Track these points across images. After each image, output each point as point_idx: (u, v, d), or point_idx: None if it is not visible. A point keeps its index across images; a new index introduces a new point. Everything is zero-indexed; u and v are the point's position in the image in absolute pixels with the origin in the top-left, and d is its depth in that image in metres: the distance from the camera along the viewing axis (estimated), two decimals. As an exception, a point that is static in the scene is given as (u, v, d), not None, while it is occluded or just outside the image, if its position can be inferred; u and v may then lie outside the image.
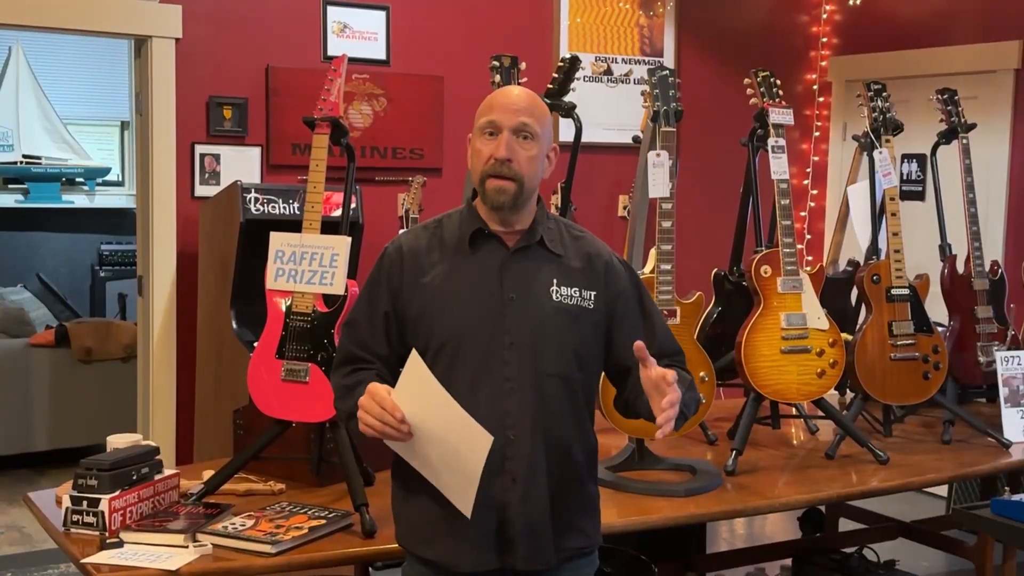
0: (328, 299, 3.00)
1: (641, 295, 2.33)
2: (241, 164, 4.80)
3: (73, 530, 2.62)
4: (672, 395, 2.07)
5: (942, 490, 5.19)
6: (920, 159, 5.73)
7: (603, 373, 2.38)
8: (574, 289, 2.23)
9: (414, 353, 2.07)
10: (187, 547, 2.52)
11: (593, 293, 2.24)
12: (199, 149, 4.75)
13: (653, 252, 3.33)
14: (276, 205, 4.24)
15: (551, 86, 3.60)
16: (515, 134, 2.18)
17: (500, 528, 2.17)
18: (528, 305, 2.19)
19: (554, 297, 2.21)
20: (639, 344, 2.10)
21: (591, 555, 2.33)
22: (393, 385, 2.09)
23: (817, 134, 6.30)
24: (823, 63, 6.27)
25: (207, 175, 4.76)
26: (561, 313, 2.20)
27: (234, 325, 4.17)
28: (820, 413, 3.66)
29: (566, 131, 3.62)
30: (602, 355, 2.30)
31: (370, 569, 3.49)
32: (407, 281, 2.23)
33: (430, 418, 2.06)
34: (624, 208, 5.64)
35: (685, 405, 2.18)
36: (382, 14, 5.10)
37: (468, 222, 2.24)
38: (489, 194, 2.19)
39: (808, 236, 6.27)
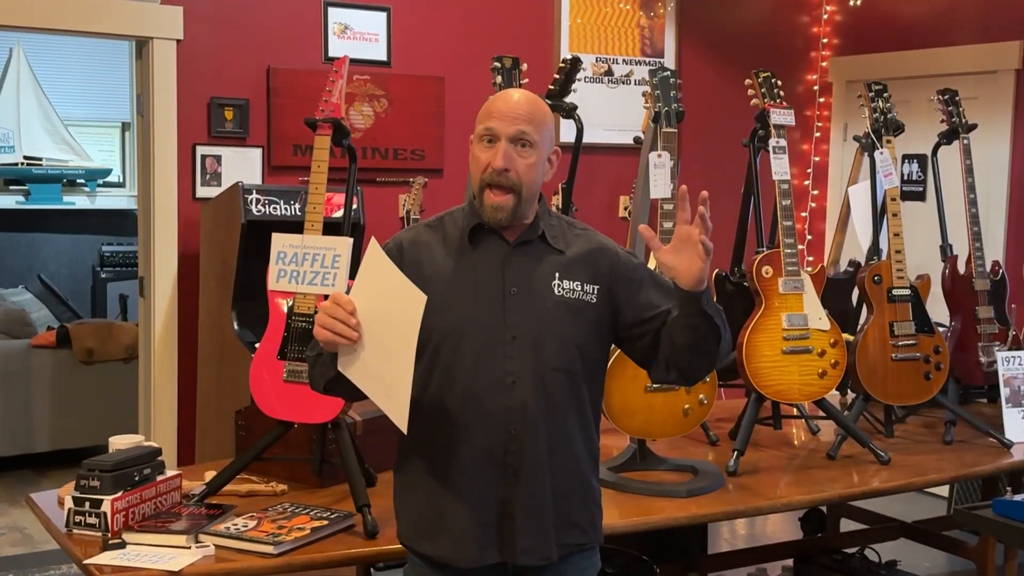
0: (330, 300, 3.00)
1: (654, 275, 2.33)
2: (242, 165, 4.80)
3: (75, 531, 2.62)
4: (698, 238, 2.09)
5: (943, 490, 5.19)
6: (921, 159, 5.73)
7: (606, 372, 2.37)
8: (576, 283, 2.23)
9: (374, 242, 2.08)
10: (189, 548, 2.52)
11: (596, 287, 2.24)
12: (200, 150, 4.75)
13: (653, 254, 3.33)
14: (277, 206, 4.24)
15: (552, 87, 3.60)
16: (513, 142, 2.17)
17: (501, 522, 2.18)
18: (530, 299, 2.19)
19: (556, 291, 2.21)
20: (644, 226, 2.13)
21: (593, 552, 2.33)
22: None
23: (818, 135, 6.30)
24: (824, 64, 6.27)
25: (208, 176, 4.76)
26: (563, 307, 2.20)
27: (236, 326, 4.17)
28: (821, 413, 3.66)
29: (567, 132, 3.62)
30: (605, 349, 2.30)
31: (372, 570, 3.50)
32: (407, 273, 2.22)
33: (375, 301, 2.06)
34: (625, 209, 5.64)
35: (716, 312, 2.18)
36: (383, 15, 5.10)
37: (470, 218, 2.25)
38: (487, 210, 2.19)
39: (809, 237, 6.27)
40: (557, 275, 2.22)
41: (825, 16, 6.27)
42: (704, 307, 2.14)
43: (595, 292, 2.24)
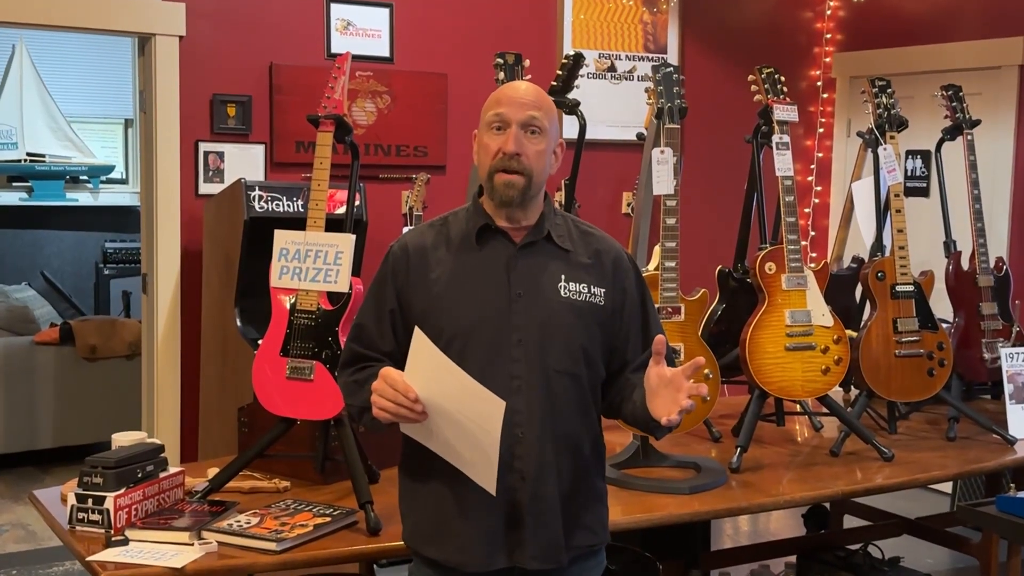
0: (332, 297, 3.00)
1: (644, 296, 2.32)
2: (245, 162, 4.80)
3: (78, 528, 2.62)
4: (687, 391, 2.06)
5: (947, 487, 5.19)
6: (925, 155, 5.72)
7: None
8: (583, 285, 2.22)
9: (418, 331, 2.06)
10: (192, 545, 2.52)
11: (603, 290, 2.23)
12: (203, 147, 4.75)
13: (657, 249, 3.33)
14: (280, 203, 4.24)
15: (555, 83, 3.60)
16: (523, 128, 2.17)
17: (509, 527, 2.16)
18: (536, 301, 2.18)
19: (562, 293, 2.20)
20: (660, 338, 2.11)
21: (599, 553, 2.32)
22: None
23: (821, 131, 6.29)
24: (827, 59, 6.26)
25: (211, 173, 4.76)
26: (569, 309, 2.19)
27: (238, 323, 4.17)
28: (824, 410, 3.66)
29: (570, 128, 3.61)
30: (609, 350, 2.29)
31: (375, 567, 3.49)
32: (413, 278, 2.22)
33: (442, 393, 2.05)
34: (628, 205, 5.63)
35: None
36: (386, 11, 5.10)
37: (474, 218, 2.23)
38: (498, 189, 2.17)
39: (812, 233, 6.27)
40: (563, 277, 2.21)
41: (828, 12, 6.26)
42: (653, 432, 2.22)
43: (603, 295, 2.23)
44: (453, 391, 2.04)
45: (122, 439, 2.87)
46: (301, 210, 4.19)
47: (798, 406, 3.97)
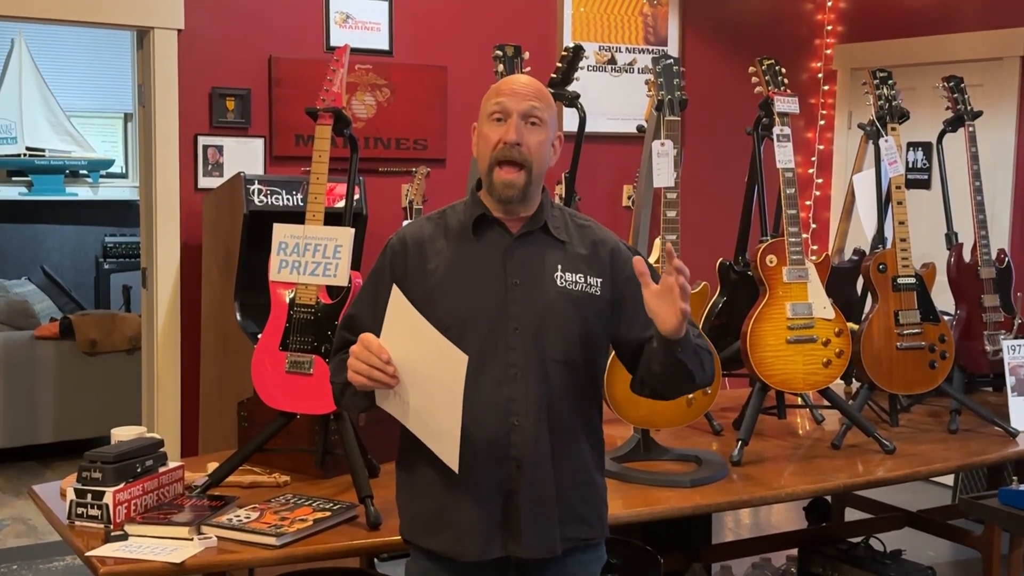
0: (332, 291, 2.99)
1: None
2: (244, 155, 4.79)
3: (78, 523, 2.61)
4: (678, 288, 2.06)
5: (949, 479, 5.18)
6: (926, 147, 5.71)
7: (608, 363, 2.36)
8: (579, 275, 2.22)
9: (396, 289, 2.08)
10: (192, 539, 2.52)
11: (599, 280, 2.23)
12: (202, 140, 4.74)
13: (658, 242, 3.32)
14: (279, 196, 4.23)
15: (555, 76, 3.58)
16: (524, 119, 2.17)
17: (505, 515, 2.17)
18: (532, 291, 2.18)
19: (559, 283, 2.20)
20: (637, 259, 2.10)
21: (598, 547, 2.32)
22: None
23: (822, 122, 6.27)
24: (828, 51, 6.24)
25: (210, 166, 4.75)
26: (565, 299, 2.19)
27: (238, 317, 4.16)
28: (826, 403, 3.65)
29: (570, 121, 3.60)
30: (607, 342, 2.29)
31: (375, 560, 3.49)
32: (411, 269, 2.22)
33: (414, 354, 2.06)
34: (628, 198, 5.62)
35: (696, 348, 2.19)
36: (385, 4, 5.08)
37: (472, 209, 2.24)
38: (497, 188, 2.18)
39: (813, 225, 6.26)
40: (560, 267, 2.21)
41: (829, 3, 6.24)
42: (679, 355, 2.14)
43: (599, 285, 2.23)
44: (423, 351, 2.06)
45: (121, 434, 2.87)
46: (301, 204, 4.18)
47: (799, 399, 3.96)
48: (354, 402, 2.20)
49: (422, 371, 2.07)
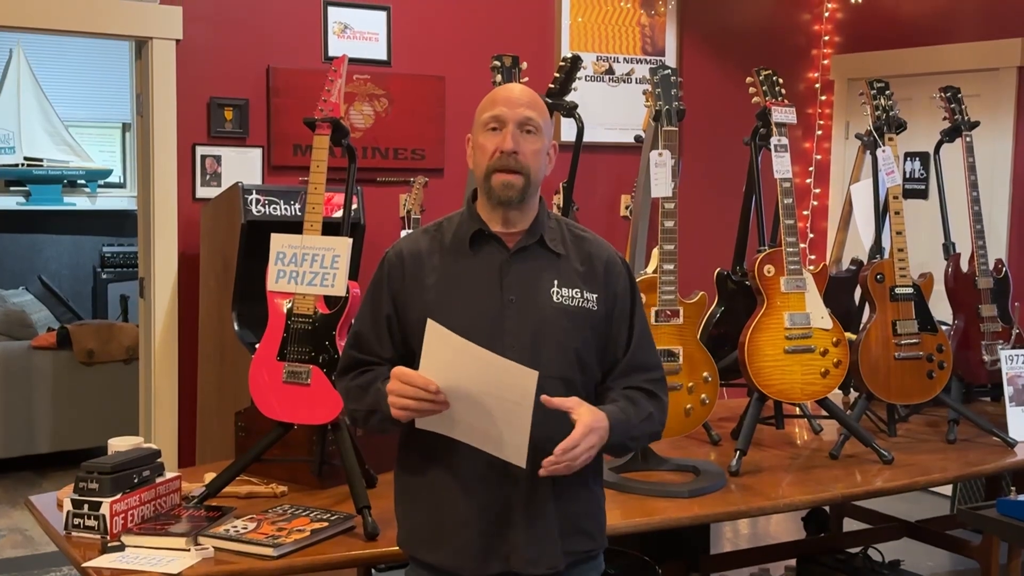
0: (329, 301, 2.99)
1: (634, 301, 2.31)
2: (242, 165, 4.79)
3: (74, 533, 2.61)
4: (571, 441, 2.06)
5: (947, 490, 5.18)
6: (923, 157, 5.71)
7: None
8: (575, 290, 2.21)
9: (431, 321, 2.06)
10: (189, 550, 2.51)
11: (596, 295, 2.22)
12: (200, 150, 4.74)
13: (656, 252, 3.32)
14: (277, 206, 4.24)
15: (553, 86, 3.59)
16: (519, 127, 2.17)
17: (504, 532, 2.16)
18: (528, 307, 2.17)
19: (555, 298, 2.19)
20: (544, 398, 2.07)
21: (597, 558, 2.31)
22: None
23: (820, 133, 6.28)
24: (825, 61, 6.25)
25: (208, 176, 4.75)
26: (562, 314, 2.19)
27: (236, 327, 4.16)
28: (824, 413, 3.65)
29: (568, 131, 3.61)
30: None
31: (373, 572, 3.48)
32: (408, 284, 2.22)
33: (464, 377, 2.05)
34: (626, 208, 5.62)
35: (631, 438, 2.22)
36: (383, 14, 5.09)
37: (468, 223, 2.23)
38: (496, 190, 2.17)
39: (811, 235, 6.26)
40: (556, 282, 2.20)
41: (826, 14, 6.25)
42: (608, 448, 2.18)
43: (595, 300, 2.22)
44: (476, 372, 2.05)
45: (118, 444, 2.86)
46: (299, 214, 4.18)
47: (797, 409, 3.96)
48: (383, 427, 2.19)
49: (477, 391, 2.06)
